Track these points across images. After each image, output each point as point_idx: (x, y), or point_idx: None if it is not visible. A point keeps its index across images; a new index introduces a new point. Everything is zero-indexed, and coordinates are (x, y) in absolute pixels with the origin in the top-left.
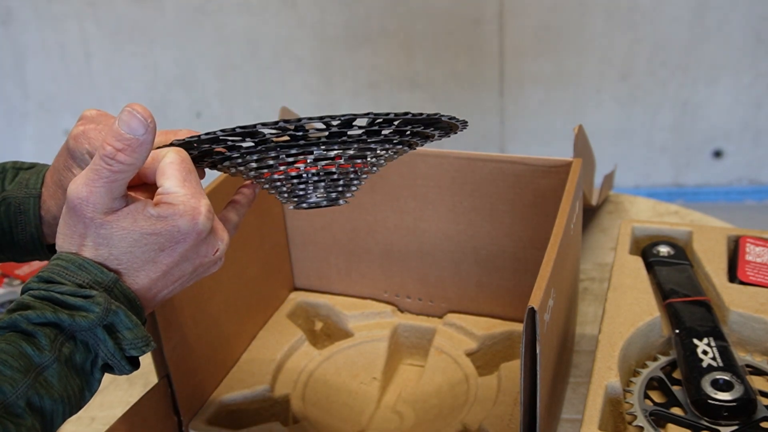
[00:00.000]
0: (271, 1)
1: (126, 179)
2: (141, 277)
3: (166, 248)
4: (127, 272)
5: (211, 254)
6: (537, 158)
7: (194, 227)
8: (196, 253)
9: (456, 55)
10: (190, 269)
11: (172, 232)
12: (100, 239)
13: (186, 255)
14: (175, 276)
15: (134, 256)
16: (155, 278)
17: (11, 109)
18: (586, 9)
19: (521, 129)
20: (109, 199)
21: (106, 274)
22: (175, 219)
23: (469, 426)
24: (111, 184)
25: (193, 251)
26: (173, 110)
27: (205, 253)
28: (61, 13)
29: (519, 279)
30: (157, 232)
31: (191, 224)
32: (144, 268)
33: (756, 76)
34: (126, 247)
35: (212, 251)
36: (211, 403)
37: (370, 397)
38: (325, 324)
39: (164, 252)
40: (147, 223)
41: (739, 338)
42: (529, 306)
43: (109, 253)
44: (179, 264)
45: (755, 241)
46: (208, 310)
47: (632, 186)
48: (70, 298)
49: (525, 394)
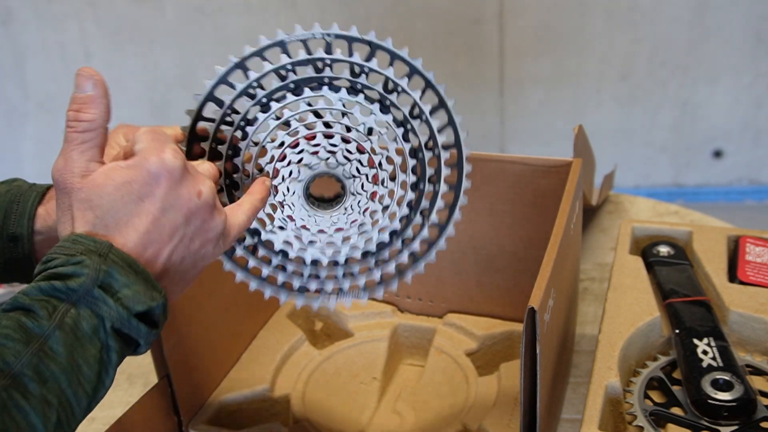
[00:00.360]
0: (271, 1)
1: (95, 141)
2: (131, 233)
3: (145, 196)
4: (116, 233)
5: (195, 197)
6: (537, 158)
7: (163, 166)
8: (177, 196)
9: (456, 55)
10: (181, 219)
11: (143, 176)
12: (83, 204)
13: (167, 200)
14: (167, 228)
15: (117, 212)
16: (144, 231)
17: (11, 109)
18: (586, 9)
19: (521, 129)
20: (84, 162)
21: (99, 243)
22: (143, 164)
23: (469, 426)
24: (81, 146)
25: (173, 194)
26: (173, 110)
27: (188, 197)
28: (61, 13)
29: (519, 279)
30: (130, 179)
31: (159, 163)
32: (130, 223)
33: (756, 76)
34: (106, 204)
35: (195, 193)
36: (211, 403)
37: (370, 397)
38: (325, 324)
39: (144, 201)
40: (118, 174)
41: (739, 338)
42: (529, 306)
43: (94, 216)
44: (165, 212)
45: (755, 241)
46: (208, 309)
47: (632, 186)
48: (62, 268)
49: (525, 394)
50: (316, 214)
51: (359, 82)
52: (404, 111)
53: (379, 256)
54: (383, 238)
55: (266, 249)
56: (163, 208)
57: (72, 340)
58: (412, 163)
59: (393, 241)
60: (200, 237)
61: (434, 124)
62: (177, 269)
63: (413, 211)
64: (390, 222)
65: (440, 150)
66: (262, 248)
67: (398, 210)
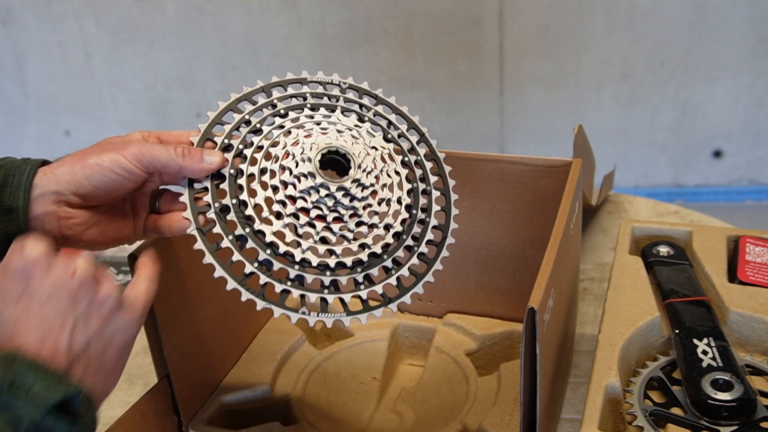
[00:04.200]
0: (271, 1)
1: None
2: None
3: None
4: (13, 338)
5: (70, 277)
6: (537, 158)
7: (26, 261)
8: (52, 283)
9: (456, 55)
10: (65, 304)
11: (13, 277)
12: None
13: (43, 291)
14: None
15: (4, 320)
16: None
17: (11, 109)
18: (586, 9)
19: (521, 129)
20: None
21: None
22: (8, 266)
23: (469, 426)
24: None
25: (47, 283)
26: (173, 110)
27: (64, 280)
28: (61, 13)
29: (519, 279)
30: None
31: (22, 260)
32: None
33: (756, 76)
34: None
35: (69, 273)
36: (211, 403)
37: (370, 397)
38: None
39: (22, 300)
40: None
41: (739, 338)
42: (529, 306)
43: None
44: (47, 303)
45: (755, 241)
46: (208, 310)
47: (632, 186)
48: None
49: (525, 394)
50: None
51: (366, 115)
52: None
53: (369, 269)
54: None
55: (256, 240)
56: (43, 301)
57: None
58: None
59: (384, 256)
60: (95, 315)
61: (428, 166)
62: (88, 355)
63: (406, 232)
64: (385, 232)
65: (432, 188)
66: (252, 239)
67: (395, 223)
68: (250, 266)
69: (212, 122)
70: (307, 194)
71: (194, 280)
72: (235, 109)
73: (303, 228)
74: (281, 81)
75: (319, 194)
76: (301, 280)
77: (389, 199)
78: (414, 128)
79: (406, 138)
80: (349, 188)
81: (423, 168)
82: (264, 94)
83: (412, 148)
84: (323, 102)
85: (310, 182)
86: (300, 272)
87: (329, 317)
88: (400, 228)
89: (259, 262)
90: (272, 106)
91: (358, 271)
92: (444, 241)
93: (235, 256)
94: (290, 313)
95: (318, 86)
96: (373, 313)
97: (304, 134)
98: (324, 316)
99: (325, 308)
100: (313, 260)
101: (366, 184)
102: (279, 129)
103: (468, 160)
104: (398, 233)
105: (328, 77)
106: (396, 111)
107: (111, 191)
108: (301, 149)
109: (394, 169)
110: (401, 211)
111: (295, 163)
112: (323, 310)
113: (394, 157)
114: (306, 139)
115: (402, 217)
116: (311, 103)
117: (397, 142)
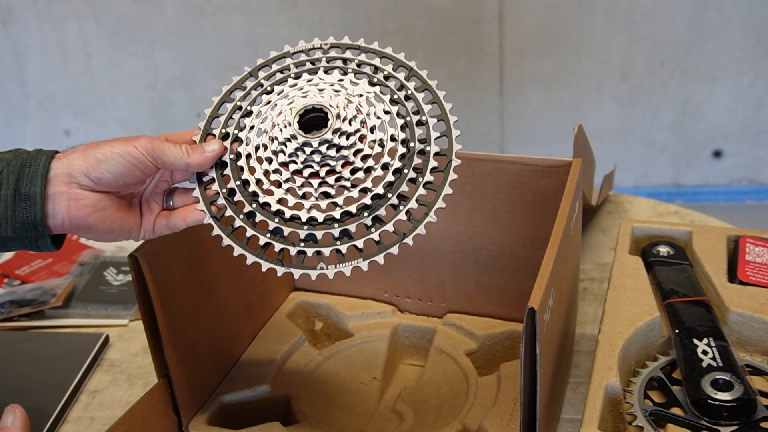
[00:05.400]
0: (271, 1)
1: None
2: None
3: None
4: None
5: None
6: (537, 158)
7: None
8: None
9: (456, 55)
10: None
11: None
12: None
13: None
14: None
15: None
16: None
17: (11, 109)
18: (586, 9)
19: (521, 129)
20: None
21: None
22: None
23: (469, 426)
24: None
25: None
26: (173, 110)
27: None
28: (61, 13)
29: (519, 279)
30: None
31: None
32: None
33: (756, 76)
34: None
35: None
36: (211, 403)
37: (370, 397)
38: (325, 324)
39: None
40: None
41: (739, 338)
42: (529, 306)
43: None
44: None
45: (755, 241)
46: (208, 310)
47: (632, 186)
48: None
49: (525, 394)
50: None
51: (349, 67)
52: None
53: (375, 210)
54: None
55: (264, 213)
56: None
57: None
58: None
59: (388, 194)
60: None
61: (419, 96)
62: None
63: (407, 166)
64: (384, 172)
65: (428, 117)
66: (260, 213)
67: (392, 161)
68: (264, 238)
69: (210, 118)
70: (295, 156)
71: (194, 281)
72: (228, 100)
73: (302, 189)
74: (265, 61)
75: (306, 153)
76: (313, 239)
77: (381, 140)
78: (402, 66)
79: (394, 77)
80: (332, 139)
81: (415, 100)
82: (252, 78)
83: (401, 86)
84: (306, 68)
85: (294, 144)
86: (310, 231)
87: (347, 266)
88: (400, 164)
89: (270, 231)
90: (260, 86)
91: (365, 216)
92: (449, 164)
93: (249, 232)
94: (309, 271)
95: (301, 55)
96: (390, 251)
97: (287, 103)
98: (342, 266)
99: (341, 259)
100: (319, 216)
101: (350, 131)
102: (267, 105)
103: (468, 160)
104: (398, 169)
105: (309, 44)
106: (381, 54)
107: (120, 177)
108: (282, 117)
109: (383, 109)
110: (398, 148)
111: (280, 130)
112: (340, 262)
113: (382, 98)
114: (288, 106)
115: (399, 152)
116: (294, 72)
117: (384, 84)
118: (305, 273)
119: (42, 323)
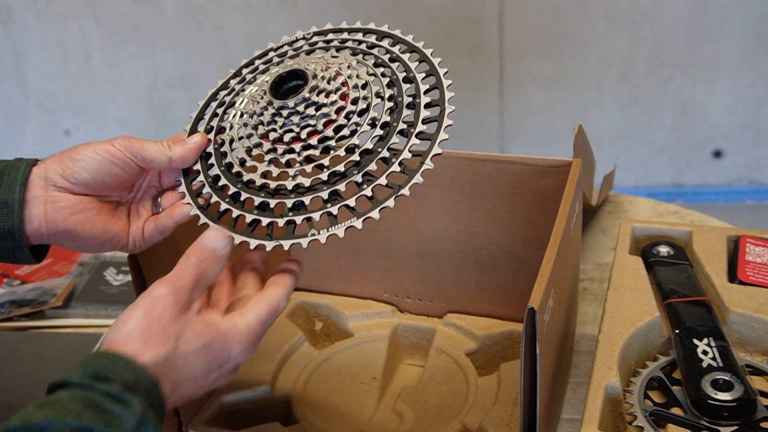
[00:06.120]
0: (271, 1)
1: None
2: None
3: (213, 370)
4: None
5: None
6: (537, 158)
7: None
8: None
9: (456, 55)
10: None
11: (224, 352)
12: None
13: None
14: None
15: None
16: (191, 395)
17: (11, 109)
18: (586, 9)
19: (521, 129)
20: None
21: (146, 377)
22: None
23: (469, 426)
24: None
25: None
26: (173, 110)
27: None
28: (61, 13)
29: (519, 279)
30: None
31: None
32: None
33: (756, 76)
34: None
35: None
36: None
37: (370, 397)
38: (325, 324)
39: (211, 374)
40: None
41: (739, 338)
42: (529, 306)
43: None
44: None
45: (755, 241)
46: None
47: (632, 186)
48: (110, 403)
49: (525, 394)
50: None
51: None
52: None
53: (366, 166)
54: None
55: (249, 190)
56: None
57: None
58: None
59: (378, 149)
60: None
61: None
62: None
63: (396, 120)
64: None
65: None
66: (245, 191)
67: (379, 115)
68: (250, 215)
69: (196, 119)
70: (273, 123)
71: None
72: (214, 101)
73: (285, 157)
74: (250, 59)
75: (283, 116)
76: (301, 206)
77: (366, 96)
78: (387, 36)
79: (378, 45)
80: (309, 97)
81: (401, 61)
82: (237, 77)
83: (387, 51)
84: (288, 55)
85: (271, 111)
86: (296, 199)
87: (340, 227)
88: (388, 118)
89: (256, 207)
90: (243, 81)
91: (355, 173)
92: (443, 112)
93: (235, 213)
94: (300, 240)
95: (285, 47)
96: (386, 204)
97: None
98: (334, 229)
99: (334, 222)
100: (305, 182)
101: (329, 89)
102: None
103: (468, 160)
104: (386, 123)
105: (292, 37)
106: (365, 31)
107: (98, 174)
108: (256, 88)
109: (366, 71)
110: (384, 103)
111: (256, 102)
112: (332, 224)
113: (365, 63)
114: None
115: (387, 107)
116: (276, 60)
117: (367, 52)
118: (296, 242)
119: (42, 323)
